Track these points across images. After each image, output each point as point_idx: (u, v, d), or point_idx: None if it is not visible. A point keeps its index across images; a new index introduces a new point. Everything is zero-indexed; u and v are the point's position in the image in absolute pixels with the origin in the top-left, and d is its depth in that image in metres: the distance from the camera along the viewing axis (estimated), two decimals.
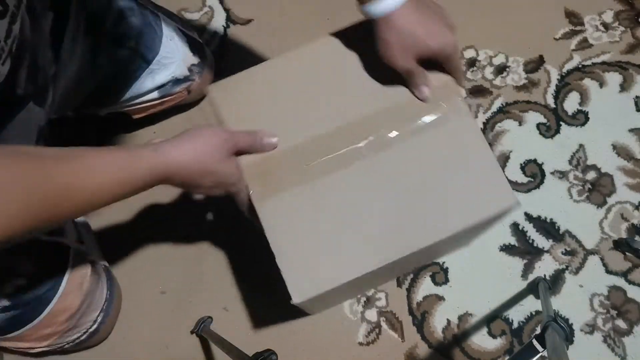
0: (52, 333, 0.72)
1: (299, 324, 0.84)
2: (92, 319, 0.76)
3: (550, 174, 0.88)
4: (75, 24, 0.65)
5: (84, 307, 0.73)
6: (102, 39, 0.69)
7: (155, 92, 0.79)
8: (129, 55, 0.72)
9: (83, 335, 0.77)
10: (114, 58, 0.71)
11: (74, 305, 0.72)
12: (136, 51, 0.73)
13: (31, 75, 0.58)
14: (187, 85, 0.82)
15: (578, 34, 0.94)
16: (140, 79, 0.75)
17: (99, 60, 0.69)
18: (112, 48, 0.70)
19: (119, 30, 0.70)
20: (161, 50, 0.75)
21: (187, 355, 0.84)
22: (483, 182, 0.56)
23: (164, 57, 0.76)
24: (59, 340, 0.74)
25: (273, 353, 0.60)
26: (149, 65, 0.75)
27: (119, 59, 0.71)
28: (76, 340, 0.76)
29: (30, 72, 0.58)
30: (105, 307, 0.78)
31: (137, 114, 0.83)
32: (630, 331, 0.82)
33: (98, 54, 0.69)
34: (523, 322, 0.83)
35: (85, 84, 0.69)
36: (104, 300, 0.78)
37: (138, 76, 0.75)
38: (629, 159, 0.88)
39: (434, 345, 0.82)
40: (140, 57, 0.74)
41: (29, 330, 0.69)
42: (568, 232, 0.86)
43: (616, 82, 0.92)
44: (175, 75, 0.79)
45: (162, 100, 0.81)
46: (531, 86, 0.92)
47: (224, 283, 0.86)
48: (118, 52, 0.71)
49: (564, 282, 0.84)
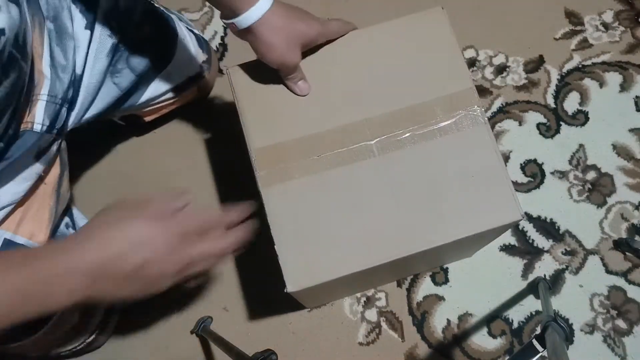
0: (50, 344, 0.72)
1: (299, 324, 0.84)
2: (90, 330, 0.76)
3: (550, 174, 0.88)
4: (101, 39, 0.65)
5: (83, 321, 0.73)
6: (122, 47, 0.68)
7: (170, 92, 0.79)
8: (148, 60, 0.72)
9: (80, 345, 0.76)
10: (133, 65, 0.71)
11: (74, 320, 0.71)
12: (154, 55, 0.73)
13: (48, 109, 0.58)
14: (199, 82, 0.83)
15: (578, 34, 0.94)
16: (156, 81, 0.75)
17: (118, 68, 0.69)
18: (130, 55, 0.70)
19: (138, 37, 0.70)
20: (177, 52, 0.76)
21: (187, 355, 0.84)
22: (491, 193, 0.55)
23: (180, 58, 0.76)
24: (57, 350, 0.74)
25: (273, 353, 0.60)
26: (166, 67, 0.75)
27: (138, 65, 0.71)
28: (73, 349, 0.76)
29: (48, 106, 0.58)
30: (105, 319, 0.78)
31: (149, 115, 0.83)
32: (630, 331, 0.82)
33: (117, 62, 0.69)
34: (523, 322, 0.83)
35: (107, 95, 0.69)
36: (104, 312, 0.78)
37: (155, 78, 0.75)
38: (629, 159, 0.88)
39: (434, 345, 0.82)
40: (159, 61, 0.74)
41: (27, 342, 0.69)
42: (568, 232, 0.86)
43: (616, 82, 0.92)
44: (189, 74, 0.80)
45: (175, 99, 0.82)
46: (531, 86, 0.92)
47: (224, 283, 0.86)
48: (137, 58, 0.71)
49: (564, 282, 0.84)
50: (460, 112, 0.57)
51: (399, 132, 0.57)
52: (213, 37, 0.97)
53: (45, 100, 0.58)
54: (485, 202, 0.55)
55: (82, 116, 0.66)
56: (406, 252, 0.54)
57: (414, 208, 0.55)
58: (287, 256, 0.54)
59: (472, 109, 0.57)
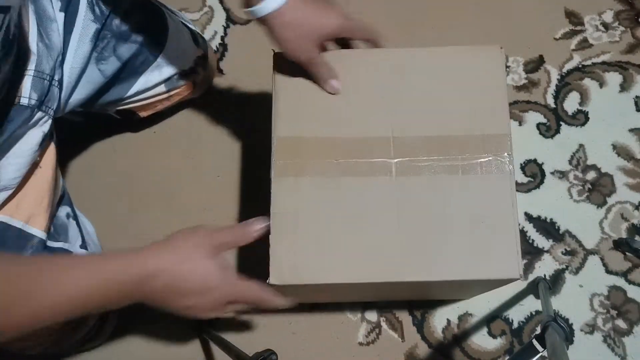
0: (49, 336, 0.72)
1: (299, 324, 0.84)
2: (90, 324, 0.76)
3: (550, 174, 0.88)
4: (85, 24, 0.65)
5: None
6: (109, 34, 0.69)
7: (162, 85, 0.79)
8: (135, 49, 0.72)
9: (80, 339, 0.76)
10: (120, 53, 0.71)
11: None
12: (142, 45, 0.73)
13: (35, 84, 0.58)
14: (193, 78, 0.83)
15: (578, 34, 0.94)
16: (146, 73, 0.76)
17: (104, 55, 0.70)
18: (117, 43, 0.70)
19: (126, 26, 0.71)
20: (167, 44, 0.76)
21: (187, 355, 0.84)
22: (496, 244, 0.54)
23: (171, 51, 0.76)
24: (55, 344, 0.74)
25: (273, 353, 0.60)
26: (155, 59, 0.75)
27: (124, 53, 0.72)
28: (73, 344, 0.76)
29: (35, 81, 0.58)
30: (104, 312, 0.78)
31: (144, 111, 0.83)
32: (630, 331, 0.82)
33: (104, 49, 0.69)
34: (523, 322, 0.83)
35: (91, 81, 0.70)
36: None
37: (144, 70, 0.75)
38: (629, 159, 0.88)
39: (434, 345, 0.82)
40: (147, 52, 0.74)
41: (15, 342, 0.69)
42: (568, 232, 0.86)
43: (616, 82, 0.92)
44: (181, 68, 0.80)
45: (169, 94, 0.82)
46: (531, 86, 0.92)
47: None
48: (124, 46, 0.71)
49: (564, 282, 0.84)
50: (489, 155, 0.56)
51: (422, 158, 0.56)
52: (213, 37, 0.97)
53: (32, 76, 0.58)
54: (487, 251, 0.54)
55: (68, 99, 0.67)
56: (394, 278, 0.54)
57: (415, 237, 0.54)
58: (278, 248, 0.54)
59: (502, 155, 0.56)
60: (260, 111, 0.92)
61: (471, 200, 0.55)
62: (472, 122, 0.57)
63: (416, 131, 0.57)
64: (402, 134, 0.57)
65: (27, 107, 0.58)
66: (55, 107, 0.63)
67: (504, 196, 0.55)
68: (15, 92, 0.57)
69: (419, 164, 0.56)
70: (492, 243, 0.54)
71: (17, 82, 0.57)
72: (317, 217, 0.55)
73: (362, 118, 0.58)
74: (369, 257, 0.54)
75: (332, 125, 0.57)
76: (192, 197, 0.90)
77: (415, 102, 0.58)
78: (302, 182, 0.56)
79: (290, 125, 0.57)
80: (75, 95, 0.68)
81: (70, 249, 0.70)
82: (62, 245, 0.69)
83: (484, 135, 0.57)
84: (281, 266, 0.53)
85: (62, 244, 0.69)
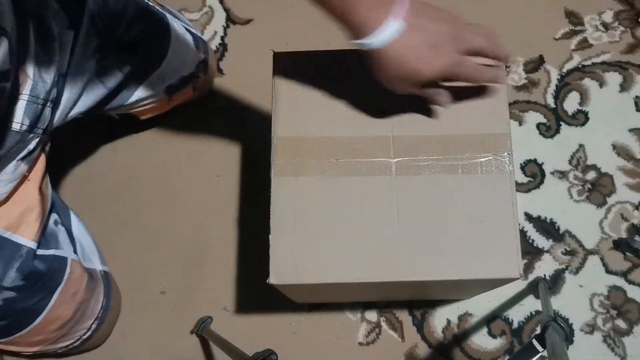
0: (43, 340, 0.72)
1: (299, 324, 0.84)
2: (85, 326, 0.76)
3: (550, 174, 0.88)
4: (87, 39, 0.64)
5: (77, 316, 0.73)
6: (112, 47, 0.68)
7: (163, 92, 0.79)
8: (138, 61, 0.72)
9: (76, 342, 0.76)
10: (124, 64, 0.70)
11: (66, 315, 0.71)
12: (145, 56, 0.72)
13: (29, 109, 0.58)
14: (194, 82, 0.83)
15: (578, 34, 0.94)
16: (148, 81, 0.75)
17: (106, 68, 0.68)
18: (120, 55, 0.69)
19: (129, 38, 0.69)
20: (169, 53, 0.75)
21: (187, 355, 0.84)
22: (496, 243, 0.54)
23: (173, 58, 0.76)
24: (51, 346, 0.74)
25: (273, 353, 0.60)
26: (157, 69, 0.74)
27: (127, 65, 0.71)
28: (69, 346, 0.76)
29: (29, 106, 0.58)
30: (101, 315, 0.78)
31: (145, 114, 0.83)
32: (630, 331, 0.82)
33: (106, 62, 0.68)
34: (523, 322, 0.83)
35: (93, 93, 0.69)
36: (100, 308, 0.78)
37: (146, 79, 0.74)
38: (629, 159, 0.88)
39: (434, 345, 0.82)
40: (149, 62, 0.73)
41: (17, 338, 0.69)
42: (568, 232, 0.86)
43: (616, 82, 0.92)
44: (183, 74, 0.80)
45: (169, 99, 0.81)
46: (531, 86, 0.92)
47: (224, 283, 0.86)
48: (126, 58, 0.70)
49: (564, 282, 0.84)
50: (489, 155, 0.56)
51: (422, 157, 0.56)
52: (213, 37, 0.97)
53: (26, 100, 0.57)
54: (487, 250, 0.54)
55: (67, 114, 0.66)
56: (394, 278, 0.54)
57: (415, 237, 0.54)
58: (278, 248, 0.54)
59: (502, 155, 0.56)
60: (260, 111, 0.93)
61: (471, 199, 0.55)
62: (472, 121, 0.57)
63: (416, 131, 0.57)
64: (402, 134, 0.57)
65: (17, 132, 0.57)
66: (45, 127, 0.62)
67: (504, 196, 0.55)
68: (8, 117, 0.56)
69: (419, 164, 0.56)
70: (492, 243, 0.54)
71: (10, 106, 0.56)
72: (317, 216, 0.55)
73: (363, 118, 0.58)
74: (369, 257, 0.54)
75: (332, 124, 0.57)
76: (192, 197, 0.90)
77: (415, 101, 0.58)
78: (302, 182, 0.56)
79: (290, 125, 0.57)
80: (77, 108, 0.68)
81: (63, 254, 0.70)
82: (54, 252, 0.69)
83: (483, 135, 0.57)
84: (281, 266, 0.53)
85: (54, 251, 0.69)
